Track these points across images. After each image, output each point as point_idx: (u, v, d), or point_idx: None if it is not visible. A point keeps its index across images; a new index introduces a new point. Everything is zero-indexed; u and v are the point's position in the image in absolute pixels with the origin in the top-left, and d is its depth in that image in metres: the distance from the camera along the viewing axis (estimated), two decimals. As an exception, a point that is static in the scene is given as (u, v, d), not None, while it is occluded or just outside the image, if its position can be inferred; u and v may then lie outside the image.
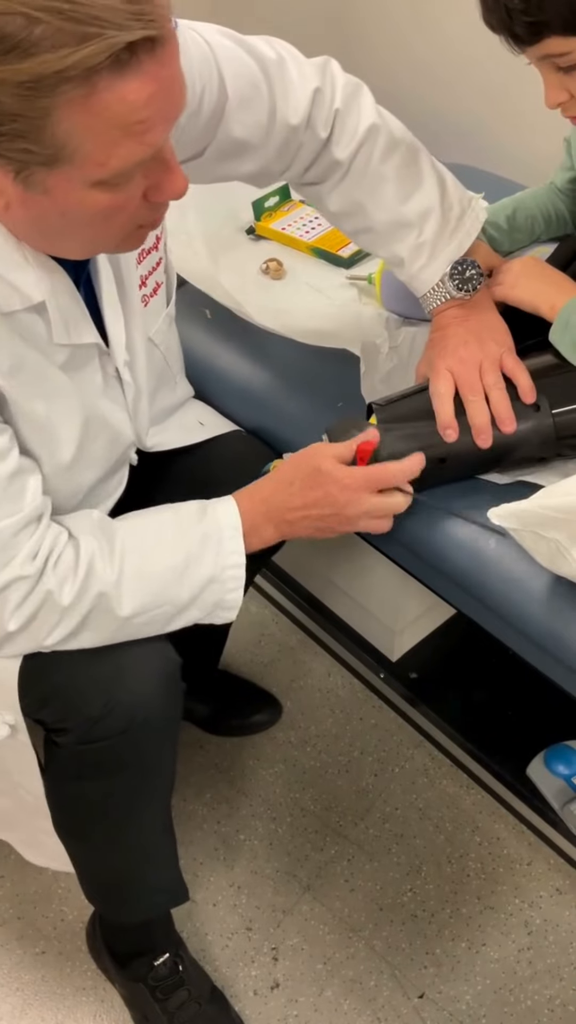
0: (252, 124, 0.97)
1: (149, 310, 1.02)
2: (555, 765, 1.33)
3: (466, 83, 1.73)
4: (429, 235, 1.04)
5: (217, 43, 0.94)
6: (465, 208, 1.07)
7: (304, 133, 1.00)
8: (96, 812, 1.07)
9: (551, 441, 1.00)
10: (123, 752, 0.98)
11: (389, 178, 1.03)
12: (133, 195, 0.74)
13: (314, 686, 1.64)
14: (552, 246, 1.20)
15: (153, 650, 0.98)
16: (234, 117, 0.96)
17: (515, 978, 1.30)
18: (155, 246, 1.00)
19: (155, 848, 1.14)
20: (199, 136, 0.96)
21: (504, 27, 0.90)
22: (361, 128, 1.01)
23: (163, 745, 1.04)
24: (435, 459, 1.01)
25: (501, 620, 1.05)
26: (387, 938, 1.35)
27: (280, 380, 1.23)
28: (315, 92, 0.99)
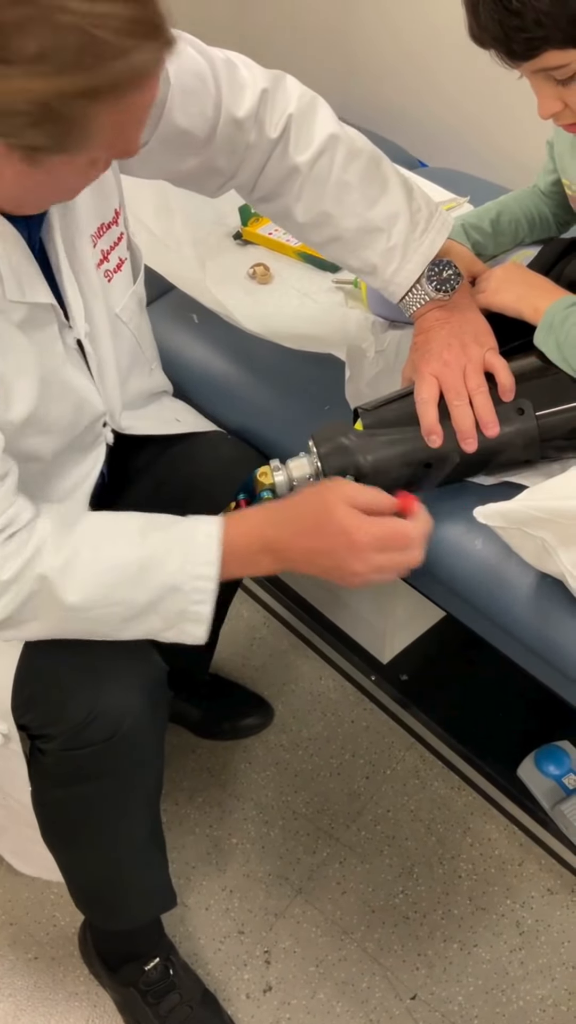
0: (196, 114, 0.97)
1: (114, 285, 1.02)
2: (545, 766, 1.34)
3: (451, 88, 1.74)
4: (399, 238, 1.04)
5: None
6: (433, 211, 1.07)
7: (251, 131, 1.00)
8: (82, 818, 1.07)
9: (535, 444, 1.00)
10: (108, 759, 0.99)
11: (353, 185, 1.03)
12: (102, 163, 0.79)
13: (305, 689, 1.64)
14: (535, 249, 1.21)
15: (138, 658, 0.99)
16: (177, 106, 0.95)
17: (507, 978, 1.31)
18: (115, 220, 0.99)
19: (142, 854, 1.14)
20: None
21: (499, 43, 0.88)
22: (320, 135, 1.01)
23: (149, 753, 1.04)
24: (421, 464, 1.01)
25: (489, 621, 1.05)
26: (379, 940, 1.35)
27: (267, 384, 1.23)
28: (263, 92, 0.99)
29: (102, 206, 0.97)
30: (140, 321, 1.11)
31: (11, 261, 0.84)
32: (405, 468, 1.02)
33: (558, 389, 1.01)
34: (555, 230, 1.25)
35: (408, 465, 1.02)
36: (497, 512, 0.92)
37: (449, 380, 1.00)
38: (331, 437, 1.03)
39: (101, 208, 0.97)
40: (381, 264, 1.05)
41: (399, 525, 0.89)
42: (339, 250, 1.08)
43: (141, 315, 1.11)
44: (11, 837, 1.21)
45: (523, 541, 0.94)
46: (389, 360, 1.20)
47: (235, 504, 1.10)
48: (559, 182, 1.18)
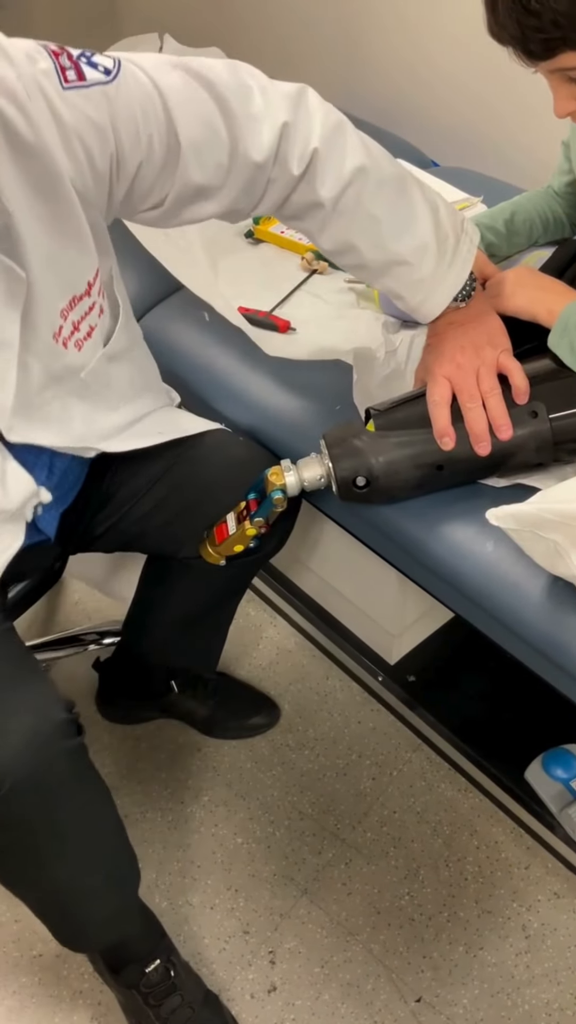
0: (211, 167, 0.91)
1: (83, 352, 0.99)
2: (553, 769, 1.33)
3: (465, 87, 1.73)
4: (427, 271, 1.00)
5: (167, 85, 0.87)
6: (459, 234, 1.03)
7: (272, 169, 0.94)
8: (5, 865, 1.06)
9: (548, 446, 1.00)
10: (4, 814, 0.96)
11: (380, 218, 0.98)
12: None
13: (312, 689, 1.64)
14: (549, 250, 1.20)
15: (26, 713, 0.96)
16: (191, 163, 0.90)
17: (512, 982, 1.30)
18: (87, 291, 0.95)
19: (86, 887, 1.11)
20: (156, 184, 0.91)
21: (516, 42, 0.88)
22: (347, 169, 0.94)
23: (56, 803, 1.00)
24: (432, 466, 1.01)
25: (499, 623, 1.05)
26: (385, 942, 1.35)
27: (278, 383, 1.23)
28: (283, 126, 0.91)
29: (73, 279, 0.93)
30: (110, 373, 1.06)
31: None
32: (417, 470, 1.01)
33: (572, 392, 1.00)
34: (569, 231, 1.24)
35: (420, 467, 1.01)
36: (509, 514, 0.91)
37: (462, 382, 0.99)
38: (343, 438, 1.03)
39: (71, 282, 0.93)
40: (408, 295, 1.04)
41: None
42: (364, 275, 1.07)
43: (113, 366, 1.06)
44: None
45: (535, 544, 0.93)
46: (400, 361, 1.20)
47: (244, 504, 1.10)
48: (574, 183, 1.18)
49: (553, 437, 0.99)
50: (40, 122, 0.82)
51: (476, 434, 0.99)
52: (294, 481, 1.05)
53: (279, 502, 1.06)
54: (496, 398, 0.99)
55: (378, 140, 1.02)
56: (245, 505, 1.10)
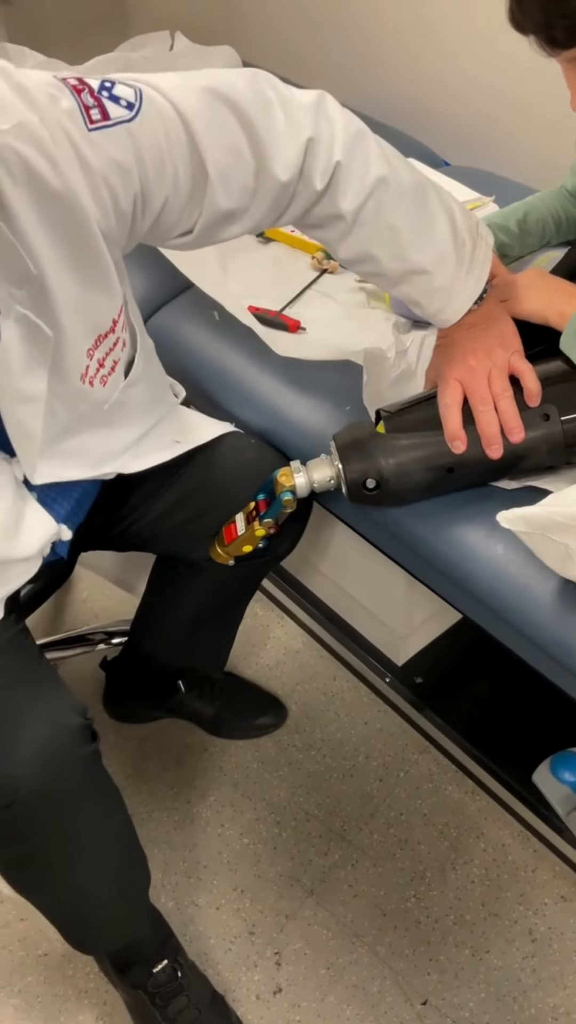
0: (238, 191, 0.90)
1: (108, 387, 0.99)
2: (561, 772, 1.33)
3: (477, 86, 1.72)
4: (445, 280, 0.99)
5: (191, 111, 0.85)
6: (475, 239, 1.02)
7: (297, 185, 0.92)
8: (16, 871, 1.06)
9: (560, 449, 0.99)
10: (15, 825, 0.96)
11: (400, 229, 0.97)
12: None
13: (319, 690, 1.64)
14: (561, 251, 1.20)
15: (42, 720, 0.96)
16: (219, 190, 0.89)
17: (519, 986, 1.30)
18: (112, 328, 0.95)
19: (97, 893, 1.12)
20: (183, 214, 0.90)
21: (540, 29, 0.87)
22: (368, 181, 0.93)
23: (68, 811, 1.00)
24: (443, 468, 1.00)
25: (508, 626, 1.04)
26: (390, 944, 1.34)
27: (287, 383, 1.23)
28: (308, 142, 0.90)
29: (98, 319, 0.93)
30: (130, 397, 1.05)
31: None
32: (427, 472, 1.01)
33: (584, 394, 1.00)
34: (582, 232, 1.23)
35: (430, 469, 1.01)
36: (521, 517, 0.91)
37: (474, 385, 0.99)
38: (353, 439, 1.02)
39: (97, 322, 0.93)
40: (426, 302, 1.02)
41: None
42: (381, 284, 1.06)
43: (133, 389, 1.06)
44: None
45: (546, 547, 0.93)
46: (411, 362, 1.19)
47: (254, 505, 1.10)
48: (587, 183, 1.17)
49: (565, 440, 0.99)
50: (66, 167, 0.79)
51: (488, 437, 0.98)
52: (304, 482, 1.05)
53: (288, 503, 1.06)
54: (508, 401, 0.99)
55: (390, 139, 1.01)
56: (254, 506, 1.10)
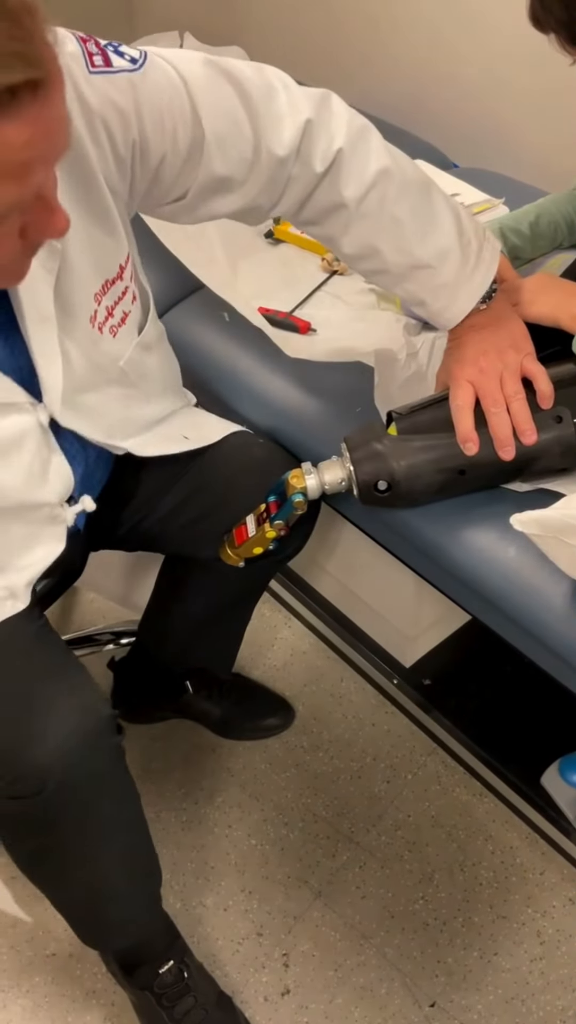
0: (235, 160, 0.91)
1: (119, 339, 0.99)
2: (570, 774, 1.33)
3: (486, 87, 1.72)
4: (449, 276, 1.00)
5: (193, 76, 0.88)
6: (481, 240, 1.02)
7: (294, 165, 0.94)
8: (37, 861, 1.06)
9: (573, 452, 0.99)
10: (42, 813, 0.97)
11: (404, 221, 0.98)
12: (9, 232, 0.72)
13: (327, 691, 1.63)
14: (573, 253, 1.19)
15: (72, 707, 0.96)
16: (215, 155, 0.90)
17: (527, 988, 1.30)
18: (119, 275, 0.95)
19: (114, 886, 1.12)
20: (180, 176, 0.92)
21: (562, 27, 0.86)
22: (371, 171, 0.95)
23: (93, 801, 1.01)
24: (455, 470, 1.00)
25: (519, 628, 1.04)
26: (398, 946, 1.34)
27: (298, 384, 1.23)
28: (306, 123, 0.92)
29: (104, 262, 0.93)
30: (145, 363, 1.06)
31: None
32: (439, 474, 1.01)
33: (597, 397, 1.00)
34: (594, 234, 1.23)
35: (442, 471, 1.01)
36: (534, 520, 0.91)
37: (486, 387, 0.99)
38: (364, 441, 1.02)
39: (104, 264, 0.93)
40: (430, 300, 1.02)
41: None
42: (385, 281, 1.05)
43: (147, 356, 1.07)
44: None
45: (559, 549, 0.93)
46: (421, 364, 1.19)
47: (265, 506, 1.10)
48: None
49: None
50: (68, 105, 0.81)
51: (500, 439, 0.98)
52: (315, 484, 1.05)
53: (299, 505, 1.06)
54: (520, 402, 0.99)
55: (398, 141, 1.02)
56: (265, 507, 1.10)
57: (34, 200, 0.70)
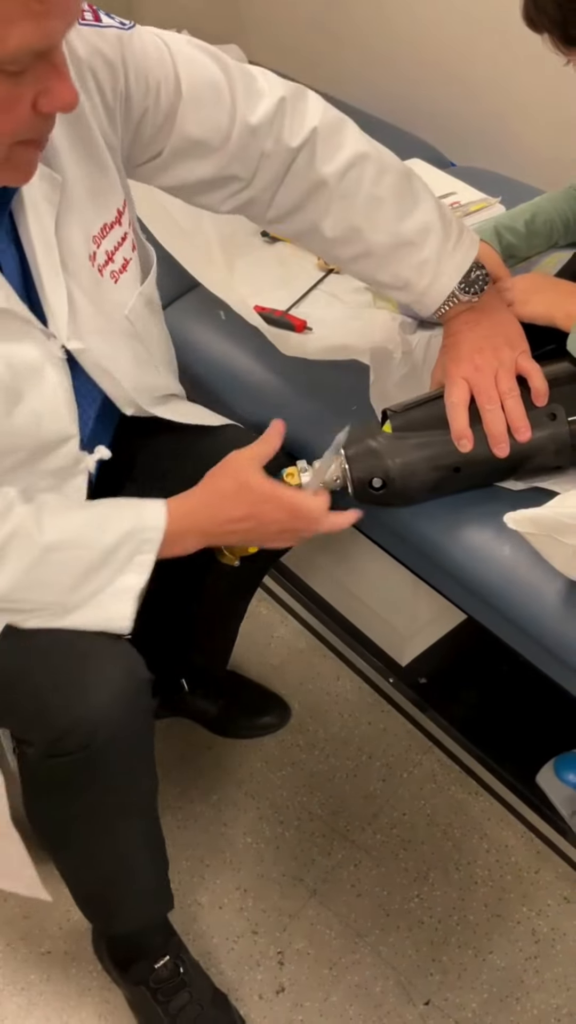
0: (210, 124, 0.95)
1: (120, 286, 1.00)
2: (565, 773, 1.33)
3: (483, 86, 1.72)
4: (432, 251, 1.01)
5: (178, 48, 0.94)
6: (462, 226, 1.05)
7: (267, 139, 0.97)
8: (68, 826, 1.07)
9: (567, 449, 0.99)
10: (86, 769, 0.97)
11: (385, 199, 1.00)
12: (24, 95, 0.72)
13: (323, 689, 1.63)
14: (569, 252, 1.19)
15: (117, 666, 0.97)
16: (190, 116, 0.94)
17: (522, 987, 1.30)
18: (117, 220, 0.97)
19: (136, 860, 1.13)
20: (156, 135, 0.95)
21: (556, 27, 0.86)
22: (348, 151, 0.99)
23: (131, 762, 1.02)
24: (450, 468, 1.00)
25: (514, 627, 1.04)
26: (393, 944, 1.34)
27: (294, 382, 1.23)
28: (280, 100, 0.97)
29: (102, 205, 0.95)
30: (149, 323, 1.08)
31: None
32: (434, 472, 1.01)
33: (591, 394, 1.00)
34: (590, 233, 1.23)
35: (437, 469, 1.01)
36: (528, 518, 0.91)
37: (480, 384, 0.99)
38: (359, 439, 1.02)
39: (102, 207, 0.95)
40: (414, 278, 1.03)
41: (305, 503, 0.99)
42: (368, 266, 1.06)
43: (151, 317, 1.08)
44: None
45: (553, 548, 0.93)
46: (417, 362, 1.19)
47: (260, 504, 1.10)
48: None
49: (572, 440, 0.99)
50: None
51: (494, 435, 0.98)
52: (310, 482, 1.05)
53: (295, 502, 1.05)
54: (515, 399, 0.99)
55: (395, 139, 1.03)
56: (260, 505, 1.09)
57: (46, 63, 0.71)
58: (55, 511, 0.93)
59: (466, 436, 0.98)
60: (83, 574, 0.94)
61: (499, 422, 0.98)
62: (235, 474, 0.99)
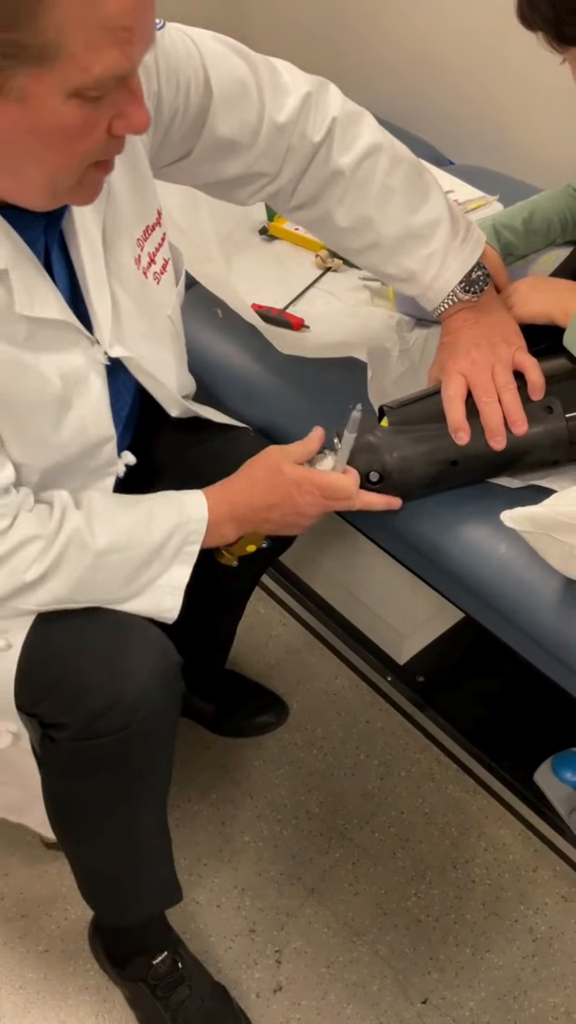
0: (239, 123, 0.97)
1: (162, 287, 1.02)
2: (563, 771, 1.33)
3: (481, 84, 1.72)
4: (439, 245, 1.04)
5: (206, 45, 0.95)
6: (469, 224, 1.07)
7: (293, 135, 1.00)
8: (89, 809, 1.07)
9: (564, 444, 0.99)
10: (120, 749, 0.98)
11: (397, 190, 1.03)
12: (101, 119, 0.73)
13: (321, 688, 1.63)
14: (566, 250, 1.19)
15: (154, 649, 0.98)
16: (220, 115, 0.96)
17: (519, 985, 1.30)
18: (158, 221, 1.00)
19: (149, 847, 1.14)
20: (186, 135, 0.96)
21: (549, 25, 0.86)
22: (364, 141, 1.01)
23: (160, 744, 1.03)
24: (447, 462, 1.00)
25: (511, 625, 1.04)
26: (391, 942, 1.34)
27: (291, 380, 1.23)
28: (306, 96, 0.99)
29: (144, 208, 0.97)
30: (182, 321, 1.11)
31: (22, 272, 0.82)
32: (431, 466, 1.01)
33: (588, 391, 1.00)
34: (587, 231, 1.23)
35: (434, 463, 1.01)
36: (525, 516, 0.91)
37: (477, 377, 0.99)
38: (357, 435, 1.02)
39: (144, 210, 0.97)
40: (420, 270, 1.05)
41: (334, 479, 1.01)
42: (376, 257, 1.07)
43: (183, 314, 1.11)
44: (36, 811, 1.17)
45: (550, 546, 0.93)
46: (414, 360, 1.19)
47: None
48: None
49: (569, 435, 0.99)
50: None
51: (491, 428, 0.98)
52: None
53: (292, 500, 1.05)
54: (511, 393, 0.99)
55: (394, 138, 1.03)
56: (258, 502, 1.09)
57: (123, 89, 0.72)
58: (104, 515, 0.95)
59: (463, 428, 0.99)
60: (134, 572, 0.97)
61: (496, 415, 0.98)
62: (268, 463, 1.02)
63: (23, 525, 0.91)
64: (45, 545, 0.91)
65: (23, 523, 0.91)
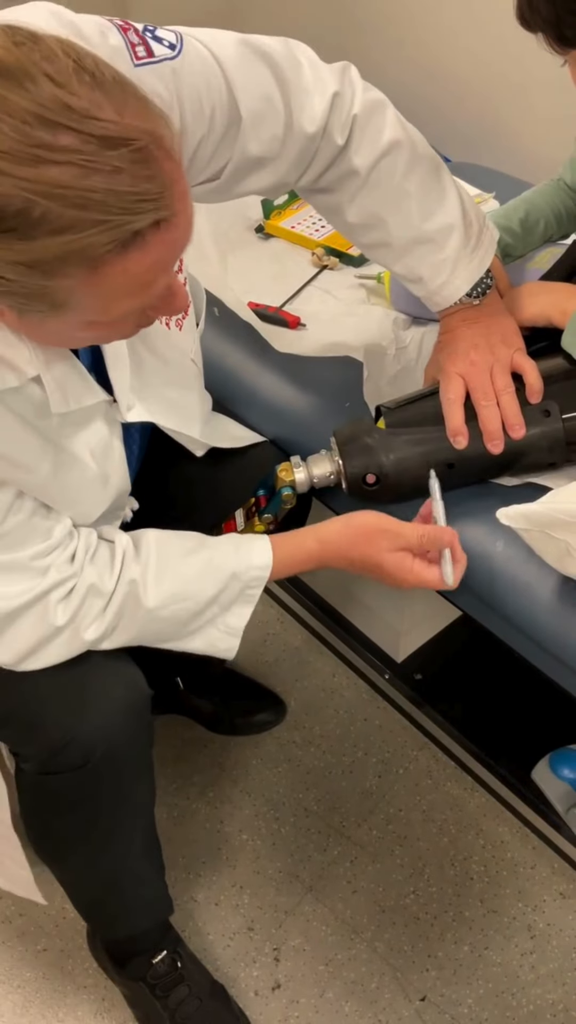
0: (268, 139, 0.93)
1: (184, 332, 1.00)
2: (560, 769, 1.33)
3: (477, 82, 1.72)
4: (451, 252, 1.00)
5: (227, 57, 0.89)
6: (482, 224, 1.03)
7: (321, 140, 0.95)
8: (65, 840, 1.07)
9: (561, 447, 0.99)
10: (82, 786, 0.97)
11: (412, 194, 0.99)
12: (129, 321, 0.74)
13: (319, 686, 1.63)
14: (562, 247, 1.19)
15: (118, 681, 0.97)
16: (249, 135, 0.91)
17: (517, 982, 1.30)
18: (179, 269, 0.95)
19: (132, 872, 1.14)
20: (214, 157, 0.92)
21: (550, 27, 0.85)
22: (383, 140, 0.96)
23: (129, 778, 1.02)
24: (444, 464, 1.00)
25: (507, 623, 1.04)
26: (389, 940, 1.34)
27: (287, 379, 1.22)
28: (334, 96, 0.94)
29: None
30: (197, 362, 1.10)
31: (55, 373, 0.82)
32: (427, 468, 1.01)
33: (585, 391, 1.00)
34: (580, 226, 1.23)
35: (431, 465, 1.00)
36: (520, 514, 0.91)
37: (476, 380, 0.99)
38: (353, 435, 1.02)
39: None
40: (428, 276, 1.02)
41: (435, 575, 0.96)
42: (385, 255, 1.04)
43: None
44: None
45: (546, 544, 0.93)
46: (410, 358, 1.19)
47: (254, 500, 1.10)
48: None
49: (566, 437, 0.99)
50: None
51: (490, 432, 0.98)
52: (304, 478, 1.05)
53: (288, 499, 1.06)
54: (510, 396, 0.99)
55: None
56: (254, 501, 1.10)
57: (164, 291, 0.72)
58: (159, 568, 0.94)
59: (462, 433, 0.98)
60: (190, 619, 0.97)
61: (495, 419, 0.98)
62: (367, 550, 0.97)
63: (85, 581, 0.91)
64: (105, 605, 0.92)
65: (86, 578, 0.91)
